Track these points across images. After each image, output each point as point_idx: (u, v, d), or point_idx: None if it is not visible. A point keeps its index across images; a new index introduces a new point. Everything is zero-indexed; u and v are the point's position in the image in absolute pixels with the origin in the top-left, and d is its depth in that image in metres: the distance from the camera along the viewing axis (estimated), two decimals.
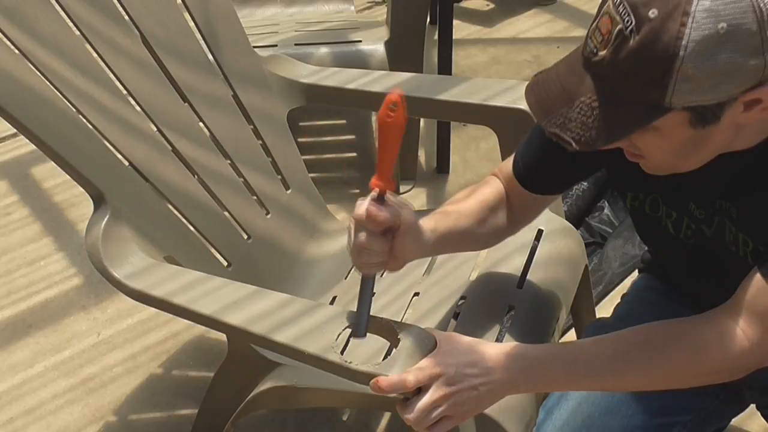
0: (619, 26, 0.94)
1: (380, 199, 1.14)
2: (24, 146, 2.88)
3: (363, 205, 1.14)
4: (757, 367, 1.14)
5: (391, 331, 1.21)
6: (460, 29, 3.49)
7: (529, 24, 3.59)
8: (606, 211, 2.50)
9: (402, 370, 1.13)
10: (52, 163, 1.46)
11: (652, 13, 0.91)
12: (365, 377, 1.16)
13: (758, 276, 1.09)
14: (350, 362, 1.19)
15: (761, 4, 0.91)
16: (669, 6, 0.91)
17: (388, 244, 1.17)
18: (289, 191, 1.89)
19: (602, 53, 0.96)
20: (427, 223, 1.25)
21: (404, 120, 1.09)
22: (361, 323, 1.20)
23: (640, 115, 0.97)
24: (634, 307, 1.46)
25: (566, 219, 1.82)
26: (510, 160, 1.36)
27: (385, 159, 1.13)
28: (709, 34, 0.90)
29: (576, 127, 0.99)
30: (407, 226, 1.17)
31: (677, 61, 0.91)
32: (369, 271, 1.19)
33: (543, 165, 1.31)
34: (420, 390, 1.12)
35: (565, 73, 1.02)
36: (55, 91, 1.49)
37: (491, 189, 1.37)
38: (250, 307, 1.33)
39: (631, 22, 0.93)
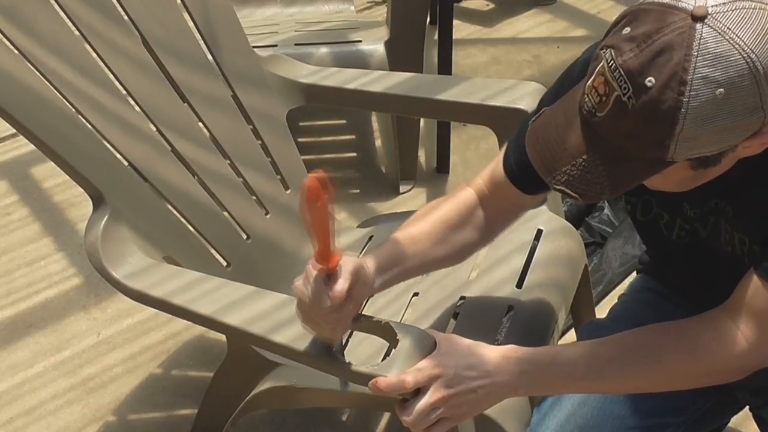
0: (616, 93, 0.93)
1: (328, 279, 1.10)
2: (24, 146, 2.87)
3: (303, 289, 1.10)
4: (758, 367, 1.14)
5: (389, 331, 1.21)
6: (460, 29, 3.49)
7: (529, 24, 3.59)
8: (606, 211, 2.50)
9: (400, 371, 1.13)
10: (52, 163, 1.46)
11: (649, 81, 0.91)
12: (363, 378, 1.16)
13: (755, 276, 1.09)
14: (348, 363, 1.18)
15: (756, 63, 0.90)
16: (665, 75, 0.90)
17: (338, 313, 1.12)
18: (288, 191, 1.89)
19: (600, 115, 0.96)
20: (369, 263, 1.19)
21: (331, 198, 1.04)
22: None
23: (643, 170, 0.98)
24: (630, 307, 1.46)
25: (566, 219, 1.82)
26: (493, 165, 1.33)
27: (323, 239, 1.08)
28: (708, 100, 0.90)
29: (581, 184, 1.00)
30: (355, 277, 1.13)
31: (677, 127, 0.91)
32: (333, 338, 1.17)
33: None
34: (419, 391, 1.12)
35: (565, 129, 1.02)
36: (55, 91, 1.49)
37: (454, 204, 1.32)
38: (248, 308, 1.33)
39: (628, 90, 0.92)
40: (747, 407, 1.39)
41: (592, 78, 0.97)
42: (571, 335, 2.07)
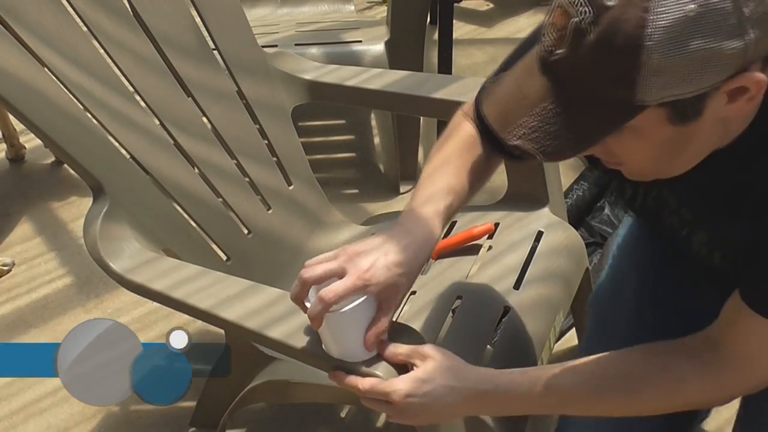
0: (575, 20, 0.83)
1: None
2: (24, 144, 2.88)
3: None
4: (742, 395, 1.11)
5: None
6: (459, 29, 3.49)
7: (528, 24, 3.60)
8: (606, 211, 2.50)
9: (387, 369, 1.14)
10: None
11: (610, 0, 0.82)
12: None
13: (739, 304, 1.01)
14: (339, 360, 1.19)
15: None
16: None
17: None
18: (291, 187, 1.89)
19: (559, 52, 0.86)
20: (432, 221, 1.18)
21: None
22: None
23: (610, 116, 0.87)
24: (621, 275, 1.41)
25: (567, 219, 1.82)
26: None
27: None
28: (677, 18, 0.80)
29: (540, 137, 0.88)
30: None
31: (643, 52, 0.81)
32: None
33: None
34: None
35: (522, 77, 0.92)
36: (58, 83, 1.48)
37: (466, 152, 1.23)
38: (245, 303, 1.33)
39: (588, 14, 0.82)
40: None
41: (550, 15, 0.88)
42: (572, 336, 2.07)
